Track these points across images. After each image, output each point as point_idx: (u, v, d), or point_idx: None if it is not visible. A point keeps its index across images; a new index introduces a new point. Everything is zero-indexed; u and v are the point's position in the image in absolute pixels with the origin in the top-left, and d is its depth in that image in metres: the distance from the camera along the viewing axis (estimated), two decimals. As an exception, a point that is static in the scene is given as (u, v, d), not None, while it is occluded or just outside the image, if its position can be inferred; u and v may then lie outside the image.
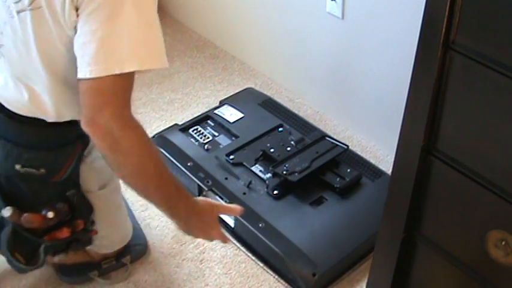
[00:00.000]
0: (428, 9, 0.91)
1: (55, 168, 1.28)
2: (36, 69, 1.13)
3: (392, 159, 1.11)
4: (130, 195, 1.77)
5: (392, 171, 1.13)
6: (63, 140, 1.27)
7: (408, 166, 1.07)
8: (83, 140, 1.29)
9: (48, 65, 1.12)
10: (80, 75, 1.02)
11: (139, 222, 1.67)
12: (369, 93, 1.87)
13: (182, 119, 2.01)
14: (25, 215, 1.28)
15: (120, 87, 1.08)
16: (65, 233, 1.34)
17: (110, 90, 1.05)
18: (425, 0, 0.91)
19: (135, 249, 1.59)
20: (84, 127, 1.05)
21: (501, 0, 0.83)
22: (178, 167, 1.75)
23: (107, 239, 1.48)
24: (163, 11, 2.65)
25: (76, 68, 1.04)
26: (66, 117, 1.22)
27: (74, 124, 1.20)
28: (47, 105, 1.18)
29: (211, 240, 1.34)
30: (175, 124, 1.93)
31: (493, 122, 0.91)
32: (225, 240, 1.32)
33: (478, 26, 0.87)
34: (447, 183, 1.04)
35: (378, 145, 1.94)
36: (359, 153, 1.85)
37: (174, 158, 1.78)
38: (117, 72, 1.02)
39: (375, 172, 1.74)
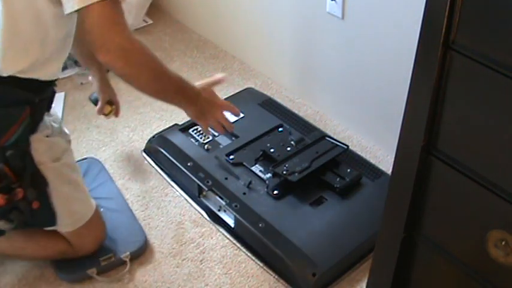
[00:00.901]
0: (428, 9, 0.91)
1: None
2: None
3: (392, 159, 1.11)
4: (130, 195, 1.77)
5: (392, 171, 1.13)
6: (7, 100, 1.28)
7: (408, 166, 1.07)
8: (33, 104, 1.31)
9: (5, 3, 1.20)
10: (68, 10, 1.17)
11: (139, 222, 1.67)
12: (369, 93, 1.87)
13: (182, 119, 2.01)
14: None
15: (115, 12, 1.19)
16: (0, 199, 1.31)
17: (109, 18, 1.18)
18: (425, 0, 0.91)
19: (135, 246, 1.59)
20: (102, 58, 1.20)
21: (501, 0, 0.83)
22: (178, 167, 1.75)
23: (64, 217, 1.45)
24: (163, 11, 2.65)
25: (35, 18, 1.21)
26: (10, 68, 1.25)
27: (21, 86, 1.28)
28: None
29: (218, 120, 1.53)
30: (175, 124, 1.93)
31: (493, 122, 0.91)
32: (228, 124, 1.55)
33: (478, 26, 0.87)
34: (447, 183, 1.04)
35: (377, 145, 1.94)
36: (359, 153, 1.85)
37: (174, 158, 1.78)
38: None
39: (375, 172, 1.74)
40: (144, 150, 1.92)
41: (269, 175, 1.69)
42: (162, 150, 1.82)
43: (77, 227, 1.49)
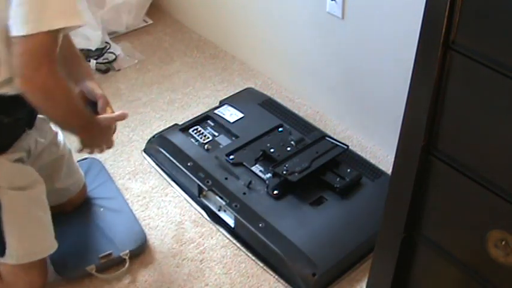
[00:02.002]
0: (428, 9, 0.91)
1: None
2: None
3: (392, 159, 1.11)
4: (130, 195, 1.77)
5: (392, 171, 1.13)
6: None
7: (408, 166, 1.07)
8: None
9: None
10: (15, 34, 1.13)
11: (139, 222, 1.67)
12: (369, 93, 1.87)
13: (182, 119, 2.02)
14: None
15: (50, 45, 1.17)
16: None
17: (43, 48, 1.15)
18: (425, 0, 0.91)
19: (134, 244, 1.59)
20: (22, 85, 1.17)
21: (501, 0, 0.83)
22: (178, 167, 1.75)
23: (11, 248, 1.37)
24: (163, 11, 2.65)
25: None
26: None
27: None
28: None
29: (101, 148, 1.49)
30: (175, 124, 1.93)
31: (493, 121, 0.91)
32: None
33: (478, 26, 0.87)
34: (447, 183, 1.04)
35: (377, 145, 1.94)
36: (359, 153, 1.85)
37: (174, 158, 1.78)
38: (47, 29, 1.13)
39: (375, 172, 1.74)
40: (144, 150, 1.92)
41: (269, 175, 1.69)
42: (162, 150, 1.82)
43: (19, 263, 1.39)
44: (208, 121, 1.92)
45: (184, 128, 1.89)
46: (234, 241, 1.63)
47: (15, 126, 1.36)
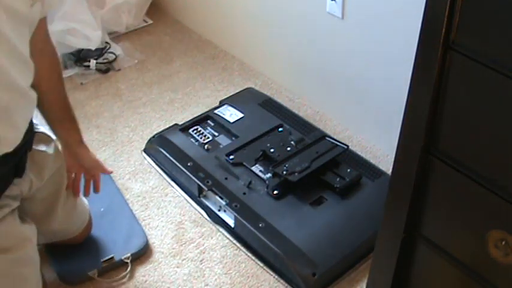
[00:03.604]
0: (428, 9, 0.91)
1: None
2: None
3: (392, 159, 1.11)
4: (130, 195, 1.77)
5: (392, 171, 1.13)
6: None
7: (408, 166, 1.07)
8: None
9: None
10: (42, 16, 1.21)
11: (139, 222, 1.67)
12: (369, 93, 1.87)
13: (182, 119, 2.02)
14: None
15: None
16: None
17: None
18: (425, 0, 0.90)
19: (136, 247, 1.59)
20: (38, 55, 1.22)
21: (501, 0, 0.83)
22: (178, 167, 1.75)
23: None
24: (163, 11, 2.65)
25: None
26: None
27: None
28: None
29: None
30: (175, 124, 1.93)
31: (493, 122, 0.91)
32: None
33: (478, 26, 0.87)
34: (447, 183, 1.04)
35: (378, 145, 1.94)
36: (359, 153, 1.85)
37: (174, 158, 1.78)
38: None
39: (375, 172, 1.74)
40: (144, 150, 1.92)
41: (269, 175, 1.69)
42: (162, 150, 1.82)
43: None
44: (208, 121, 1.92)
45: (184, 128, 1.89)
46: (234, 241, 1.63)
47: None
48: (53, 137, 1.40)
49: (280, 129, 1.86)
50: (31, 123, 1.25)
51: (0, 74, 1.06)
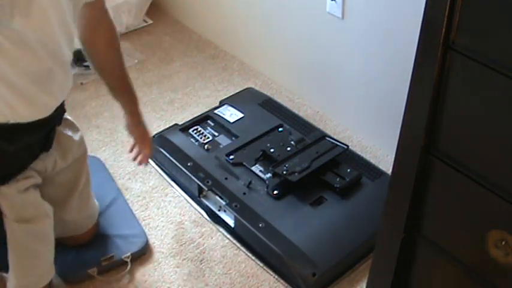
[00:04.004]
0: (428, 9, 0.91)
1: None
2: None
3: (392, 159, 1.11)
4: (130, 195, 1.77)
5: (392, 171, 1.13)
6: None
7: (408, 166, 1.07)
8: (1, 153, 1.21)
9: None
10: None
11: (139, 222, 1.67)
12: (369, 93, 1.87)
13: (182, 119, 2.02)
14: None
15: None
16: None
17: None
18: (425, 0, 0.91)
19: (136, 247, 1.59)
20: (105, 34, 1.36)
21: (501, 0, 0.83)
22: (178, 167, 1.75)
23: (12, 278, 1.33)
24: (163, 11, 2.65)
25: None
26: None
27: None
28: None
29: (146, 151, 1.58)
30: (175, 124, 1.93)
31: (493, 121, 0.91)
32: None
33: (478, 26, 0.87)
34: (447, 183, 1.04)
35: (378, 145, 1.94)
36: (359, 153, 1.85)
37: (174, 158, 1.78)
38: None
39: (375, 172, 1.74)
40: (144, 150, 1.92)
41: (269, 175, 1.69)
42: (162, 150, 1.82)
43: None
44: (208, 121, 1.92)
45: (184, 128, 1.89)
46: (234, 241, 1.63)
47: (25, 153, 1.28)
48: (78, 127, 1.49)
49: (280, 129, 1.86)
50: (62, 103, 1.33)
51: (50, 38, 1.15)
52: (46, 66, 1.18)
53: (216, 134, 1.87)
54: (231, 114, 1.93)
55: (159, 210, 1.73)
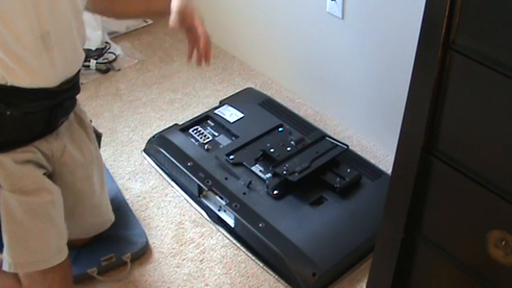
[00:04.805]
0: (428, 9, 0.91)
1: None
2: None
3: (392, 159, 1.11)
4: (130, 195, 1.77)
5: (392, 171, 1.13)
6: None
7: (408, 166, 1.07)
8: None
9: None
10: None
11: (139, 222, 1.67)
12: (369, 93, 1.87)
13: (182, 119, 2.02)
14: None
15: None
16: None
17: None
18: (425, 0, 0.91)
19: (136, 247, 1.59)
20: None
21: (501, 0, 0.83)
22: (178, 167, 1.75)
23: (5, 254, 1.28)
24: (163, 11, 2.65)
25: None
26: None
27: None
28: None
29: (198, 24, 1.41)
30: (175, 124, 1.93)
31: (493, 121, 0.91)
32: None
33: (478, 26, 0.87)
34: (447, 183, 1.04)
35: (378, 145, 1.94)
36: (359, 153, 1.85)
37: (174, 158, 1.78)
38: None
39: (375, 172, 1.74)
40: (144, 150, 1.92)
41: (269, 175, 1.69)
42: (162, 150, 1.82)
43: (13, 272, 1.29)
44: (208, 121, 1.92)
45: (184, 128, 1.89)
46: (234, 241, 1.63)
47: (25, 124, 1.24)
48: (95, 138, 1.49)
49: (280, 129, 1.86)
50: (73, 85, 1.31)
51: None
52: (45, 29, 1.15)
53: (216, 134, 1.87)
54: (231, 114, 1.93)
55: (159, 210, 1.73)
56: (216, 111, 1.95)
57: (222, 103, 2.01)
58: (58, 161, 1.36)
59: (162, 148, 1.83)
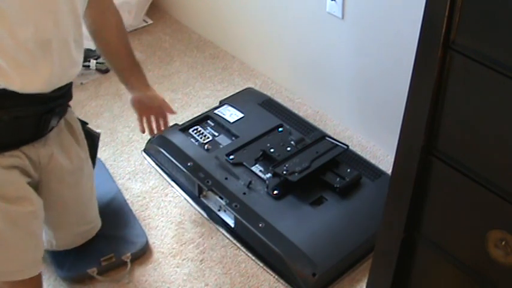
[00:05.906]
0: (428, 9, 0.91)
1: None
2: None
3: (392, 159, 1.11)
4: (130, 195, 1.77)
5: (392, 171, 1.13)
6: None
7: (408, 166, 1.07)
8: None
9: None
10: None
11: (139, 222, 1.67)
12: (369, 93, 1.87)
13: (182, 119, 2.01)
14: None
15: None
16: None
17: None
18: (426, 0, 0.91)
19: (136, 247, 1.59)
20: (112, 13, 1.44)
21: (501, 0, 0.83)
22: (178, 167, 1.75)
23: None
24: (163, 11, 2.65)
25: None
26: None
27: None
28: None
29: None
30: (175, 124, 1.93)
31: (493, 121, 0.91)
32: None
33: (478, 26, 0.87)
34: (447, 183, 1.04)
35: (378, 145, 1.94)
36: (359, 153, 1.85)
37: (174, 158, 1.78)
38: None
39: (375, 172, 1.74)
40: (144, 150, 1.92)
41: (269, 175, 1.69)
42: (162, 150, 1.82)
43: (1, 280, 1.28)
44: (208, 121, 1.92)
45: (184, 128, 1.89)
46: (234, 241, 1.63)
47: (14, 128, 1.23)
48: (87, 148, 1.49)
49: (280, 129, 1.86)
50: (65, 93, 1.33)
51: (74, 9, 1.23)
52: (45, 37, 1.17)
53: (216, 134, 1.87)
54: (231, 114, 1.93)
55: (159, 210, 1.73)
56: (216, 111, 1.95)
57: (222, 103, 2.01)
58: (45, 168, 1.34)
59: (162, 148, 1.83)
